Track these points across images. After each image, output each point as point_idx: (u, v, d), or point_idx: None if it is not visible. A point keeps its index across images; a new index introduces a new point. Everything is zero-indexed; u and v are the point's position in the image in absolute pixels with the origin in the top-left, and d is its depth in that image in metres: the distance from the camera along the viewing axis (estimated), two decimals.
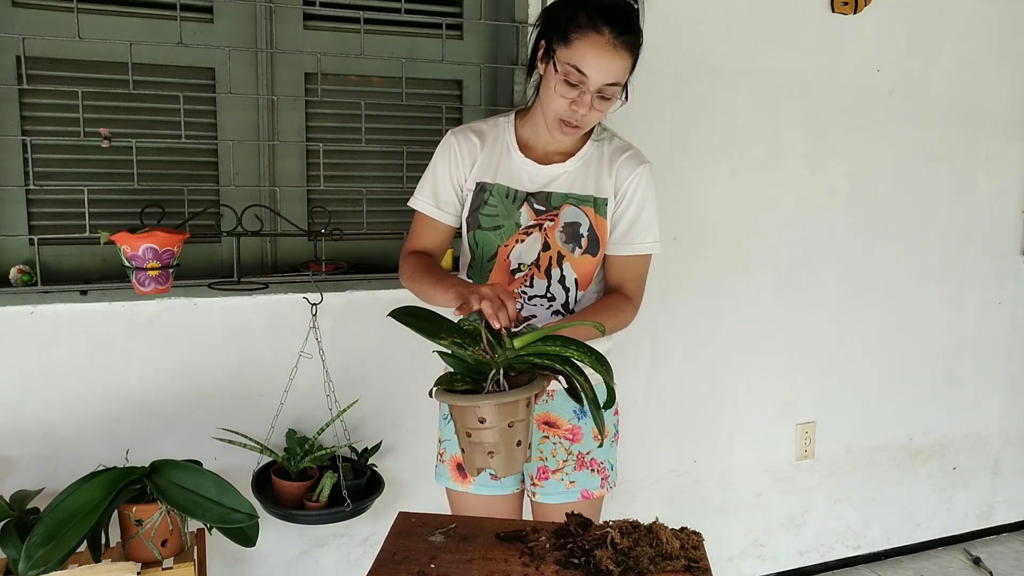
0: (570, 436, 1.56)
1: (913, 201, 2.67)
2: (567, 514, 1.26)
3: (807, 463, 2.66)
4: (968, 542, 2.98)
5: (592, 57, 1.33)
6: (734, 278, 2.45)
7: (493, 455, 1.16)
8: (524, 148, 1.53)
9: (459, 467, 1.60)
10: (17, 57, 1.73)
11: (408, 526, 1.27)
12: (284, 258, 2.04)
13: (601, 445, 1.57)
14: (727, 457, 2.54)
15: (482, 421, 1.14)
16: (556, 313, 1.52)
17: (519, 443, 1.18)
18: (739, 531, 2.60)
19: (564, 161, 1.52)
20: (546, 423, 1.55)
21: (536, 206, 1.50)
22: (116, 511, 1.53)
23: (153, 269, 1.63)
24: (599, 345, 1.50)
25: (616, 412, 1.64)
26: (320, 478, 1.80)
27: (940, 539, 2.95)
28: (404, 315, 1.21)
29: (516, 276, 1.51)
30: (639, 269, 1.56)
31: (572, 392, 1.24)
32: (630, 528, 1.19)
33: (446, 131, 1.51)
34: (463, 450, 1.20)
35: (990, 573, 2.78)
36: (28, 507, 1.63)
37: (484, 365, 1.18)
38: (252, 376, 1.92)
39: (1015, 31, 2.71)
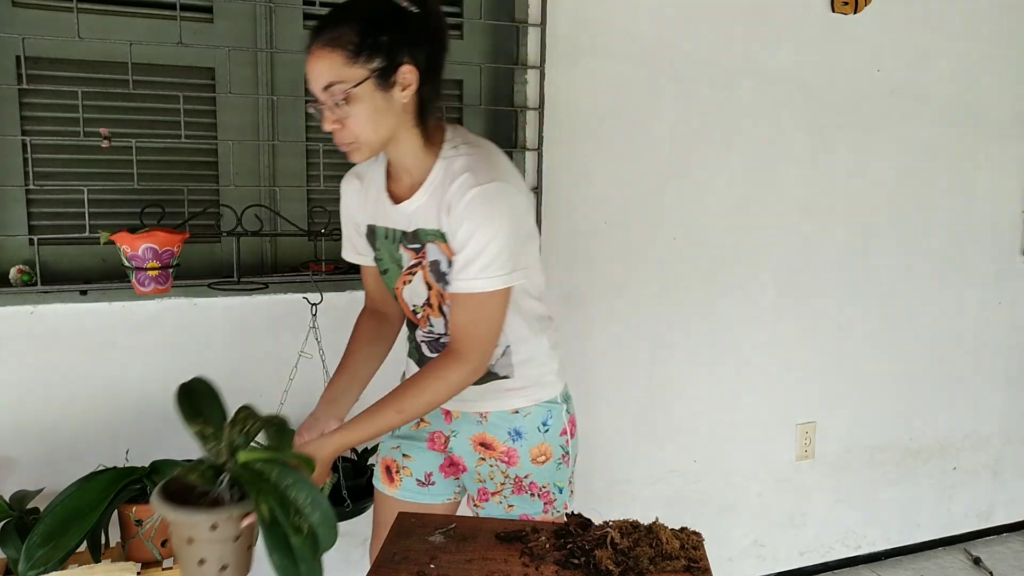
0: (505, 459, 1.47)
1: (913, 201, 2.67)
2: (567, 514, 1.26)
3: (807, 463, 2.66)
4: (968, 542, 2.98)
5: (307, 72, 1.28)
6: (734, 278, 2.45)
7: (178, 566, 1.12)
8: (392, 184, 1.42)
9: (387, 469, 1.60)
10: (17, 57, 1.73)
11: (408, 526, 1.27)
12: (284, 258, 2.03)
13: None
14: (727, 457, 2.54)
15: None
16: None
17: (201, 562, 1.07)
18: (739, 531, 2.60)
19: (416, 192, 1.36)
20: (482, 444, 1.48)
21: (410, 245, 1.39)
22: (116, 511, 1.52)
23: (153, 269, 1.63)
24: (536, 349, 1.47)
25: (565, 433, 1.50)
26: None
27: (940, 539, 2.95)
28: (184, 391, 1.23)
29: (417, 316, 1.46)
30: (470, 311, 1.31)
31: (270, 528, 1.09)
32: (630, 528, 1.19)
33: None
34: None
35: (990, 573, 2.78)
36: (28, 507, 1.63)
37: (213, 468, 1.10)
38: (252, 376, 1.92)
39: (1015, 31, 2.71)
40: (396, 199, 1.39)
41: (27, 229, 1.79)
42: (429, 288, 1.40)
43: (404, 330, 1.58)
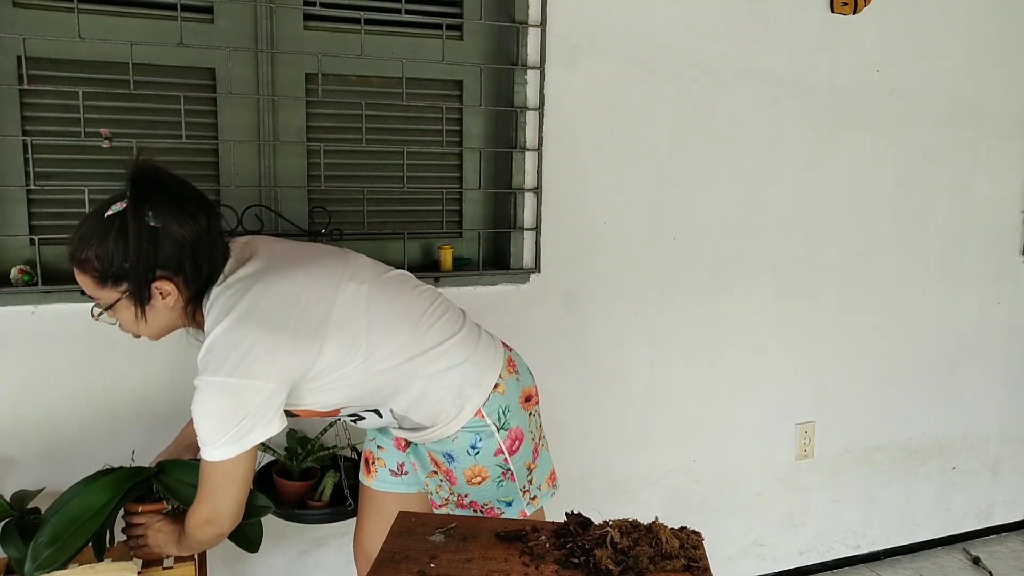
0: (448, 478, 1.51)
1: (913, 201, 2.67)
2: (567, 514, 1.26)
3: (807, 463, 2.67)
4: (967, 542, 2.99)
5: None
6: (734, 278, 2.45)
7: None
8: None
9: (366, 461, 1.69)
10: (18, 57, 1.73)
11: (408, 526, 1.27)
12: None
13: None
14: (727, 457, 2.54)
15: None
16: (355, 420, 1.54)
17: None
18: (739, 531, 2.61)
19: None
20: (432, 460, 1.52)
21: None
22: (122, 510, 1.53)
23: None
24: (427, 392, 1.44)
25: (501, 452, 1.47)
26: (322, 477, 1.80)
27: (939, 539, 2.96)
28: None
29: None
30: (201, 478, 1.35)
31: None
32: (630, 528, 1.19)
33: (445, 131, 1.51)
34: None
35: (989, 573, 2.78)
36: (28, 507, 1.63)
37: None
38: None
39: (1015, 31, 2.72)
40: None
41: (28, 229, 1.80)
42: None
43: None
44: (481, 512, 1.51)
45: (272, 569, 2.02)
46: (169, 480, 1.51)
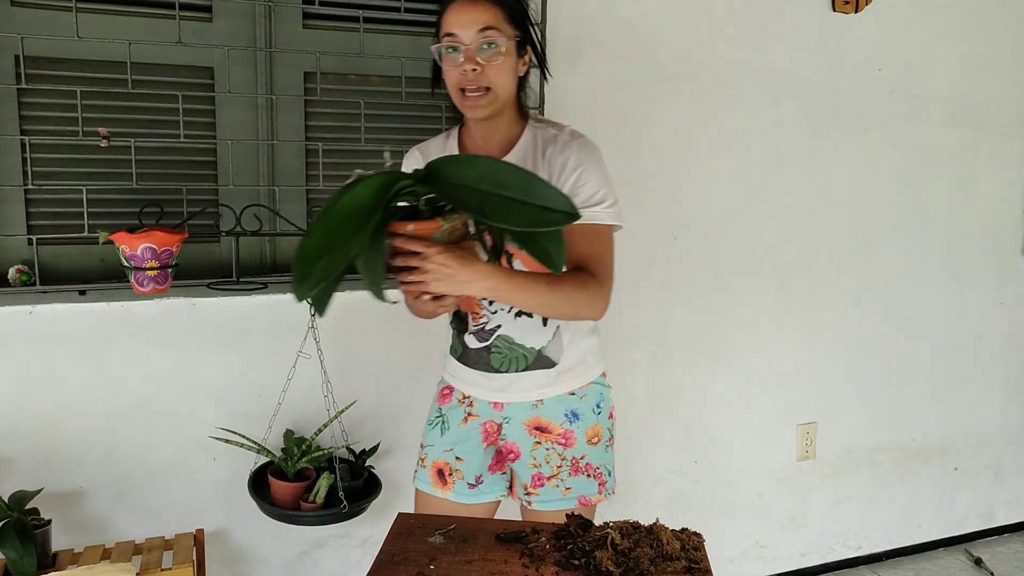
0: (563, 441, 1.52)
1: (913, 201, 2.66)
2: (567, 515, 1.26)
3: (808, 464, 2.66)
4: (969, 543, 2.98)
5: (454, 18, 1.38)
6: (734, 278, 2.44)
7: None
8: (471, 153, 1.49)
9: (439, 472, 1.60)
10: (16, 56, 1.72)
11: (408, 527, 1.27)
12: (283, 258, 2.03)
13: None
14: (728, 458, 2.54)
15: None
16: (519, 315, 1.49)
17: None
18: (740, 532, 2.60)
19: (507, 156, 1.46)
20: (537, 428, 1.52)
21: None
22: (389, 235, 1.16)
23: (152, 269, 1.63)
24: (581, 326, 1.53)
25: (612, 416, 1.59)
26: (317, 479, 1.79)
27: (941, 540, 2.95)
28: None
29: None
30: (599, 242, 1.41)
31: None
32: (630, 529, 1.18)
33: (445, 130, 1.50)
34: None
35: (991, 574, 2.77)
36: (28, 507, 1.63)
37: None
38: (251, 376, 1.92)
39: (1015, 31, 2.71)
40: None
41: (26, 229, 1.79)
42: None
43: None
44: (593, 477, 1.53)
45: (271, 570, 2.01)
46: (442, 184, 1.10)
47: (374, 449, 1.97)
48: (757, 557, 2.64)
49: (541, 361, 1.50)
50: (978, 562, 2.84)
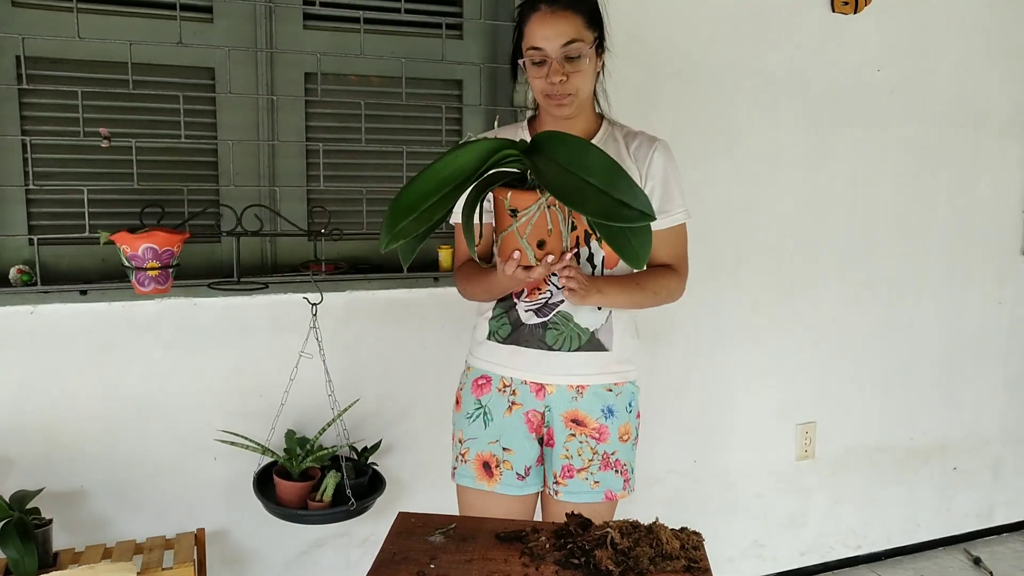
0: (596, 435, 1.56)
1: (913, 201, 2.67)
2: (567, 514, 1.26)
3: (807, 463, 2.66)
4: (968, 542, 2.98)
5: (538, 31, 1.45)
6: (734, 278, 2.45)
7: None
8: None
9: (485, 465, 1.59)
10: (17, 57, 1.73)
11: (408, 526, 1.27)
12: (284, 258, 2.03)
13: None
14: (727, 457, 2.54)
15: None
16: None
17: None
18: (739, 531, 2.60)
19: None
20: (574, 421, 1.56)
21: None
22: (491, 196, 1.22)
23: (153, 269, 1.63)
24: (629, 320, 1.62)
25: (640, 416, 1.65)
26: (322, 478, 1.79)
27: (940, 539, 2.95)
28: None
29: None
30: (674, 240, 1.60)
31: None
32: (630, 528, 1.19)
33: (445, 131, 1.52)
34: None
35: (990, 573, 2.78)
36: (29, 506, 1.63)
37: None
38: (252, 376, 1.92)
39: (1015, 31, 2.71)
40: None
41: (27, 229, 1.79)
42: (573, 228, 1.41)
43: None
44: (620, 473, 1.59)
45: (271, 569, 2.02)
46: (541, 160, 1.13)
47: (376, 446, 1.97)
48: (756, 556, 2.64)
49: (593, 343, 1.55)
50: (977, 562, 2.84)
